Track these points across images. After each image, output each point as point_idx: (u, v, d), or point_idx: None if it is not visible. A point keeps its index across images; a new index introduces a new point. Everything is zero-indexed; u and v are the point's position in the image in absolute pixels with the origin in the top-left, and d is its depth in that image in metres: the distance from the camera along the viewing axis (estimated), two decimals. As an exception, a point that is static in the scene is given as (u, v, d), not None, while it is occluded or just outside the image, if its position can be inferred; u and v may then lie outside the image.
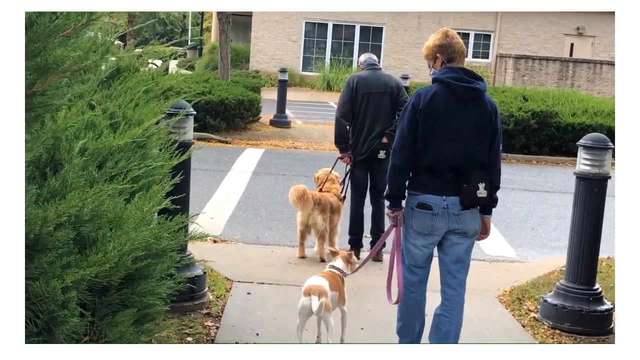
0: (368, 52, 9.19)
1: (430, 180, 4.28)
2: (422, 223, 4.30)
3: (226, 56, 18.39)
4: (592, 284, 5.58)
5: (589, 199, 5.48)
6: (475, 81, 4.28)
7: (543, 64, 27.36)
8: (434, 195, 4.26)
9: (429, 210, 4.26)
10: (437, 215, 4.26)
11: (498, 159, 4.40)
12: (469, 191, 4.23)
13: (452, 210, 4.26)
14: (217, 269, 6.47)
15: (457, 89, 4.22)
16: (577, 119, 15.78)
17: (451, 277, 4.46)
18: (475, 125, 4.26)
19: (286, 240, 8.01)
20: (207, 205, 9.42)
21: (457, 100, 4.23)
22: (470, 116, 4.24)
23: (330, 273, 4.88)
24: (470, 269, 6.92)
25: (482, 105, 4.27)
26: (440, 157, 4.24)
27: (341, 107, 7.21)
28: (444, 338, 4.43)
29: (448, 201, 4.25)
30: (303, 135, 16.64)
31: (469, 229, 4.34)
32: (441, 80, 4.27)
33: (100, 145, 2.85)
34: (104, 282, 2.67)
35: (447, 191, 4.25)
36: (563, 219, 9.83)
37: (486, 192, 4.27)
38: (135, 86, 3.82)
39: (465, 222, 4.30)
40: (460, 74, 4.25)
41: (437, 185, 4.26)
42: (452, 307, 4.45)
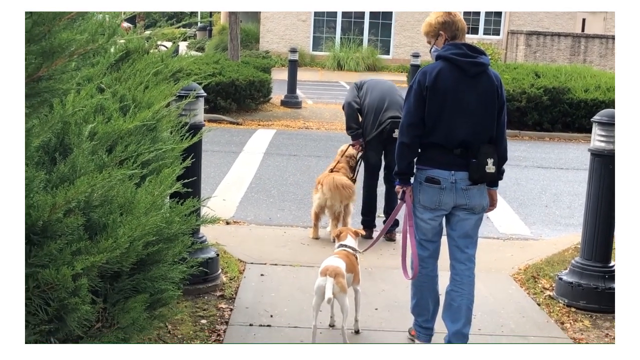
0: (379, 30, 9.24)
1: (439, 155, 4.29)
2: (429, 197, 4.32)
3: (236, 37, 18.30)
4: (608, 261, 5.53)
5: (604, 176, 5.42)
6: (479, 55, 4.29)
7: (555, 40, 27.09)
8: (442, 170, 4.27)
9: (437, 184, 4.28)
10: (445, 189, 4.27)
11: (504, 132, 4.42)
12: (478, 166, 4.24)
13: (460, 185, 4.27)
14: (230, 251, 6.46)
15: (463, 64, 4.22)
16: (589, 95, 15.61)
17: (460, 252, 4.46)
18: (483, 100, 4.27)
19: (299, 221, 7.99)
20: (219, 187, 9.41)
21: (463, 76, 4.23)
22: (477, 91, 4.25)
23: (346, 253, 4.84)
24: (485, 248, 6.95)
25: (488, 79, 4.28)
26: (450, 134, 4.24)
27: (349, 95, 7.26)
28: (456, 313, 4.44)
29: (456, 176, 4.26)
30: (314, 115, 16.57)
31: (476, 205, 4.35)
32: (445, 57, 4.27)
33: (109, 129, 2.81)
34: (115, 268, 2.65)
35: (456, 166, 4.26)
36: (577, 196, 9.76)
37: (494, 168, 4.28)
38: (144, 68, 3.78)
39: (473, 198, 4.31)
40: (463, 49, 4.26)
41: (446, 161, 4.27)
42: (462, 281, 4.46)
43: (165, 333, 4.61)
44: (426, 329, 4.65)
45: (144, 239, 2.63)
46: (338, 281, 4.48)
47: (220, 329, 4.84)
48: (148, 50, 4.67)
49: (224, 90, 15.27)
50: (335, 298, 4.51)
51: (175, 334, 4.65)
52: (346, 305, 4.56)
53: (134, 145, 2.89)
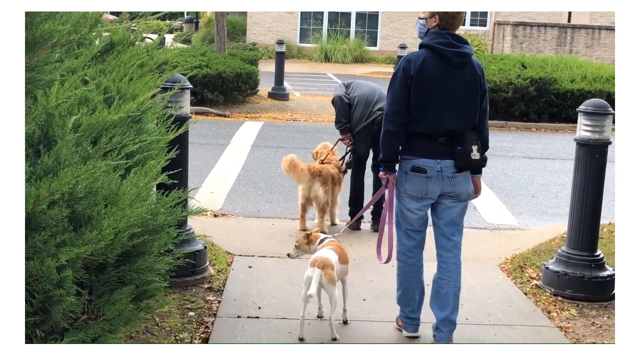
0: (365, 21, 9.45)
1: (424, 144, 4.32)
2: (416, 187, 4.35)
3: (222, 29, 18.23)
4: (594, 250, 5.57)
5: (590, 165, 5.45)
6: (463, 45, 4.31)
7: (541, 31, 27.15)
8: (428, 159, 4.30)
9: (422, 173, 4.31)
10: (431, 178, 4.31)
11: (486, 119, 4.47)
12: (463, 153, 4.28)
13: (445, 173, 4.31)
14: (217, 243, 6.45)
15: (448, 54, 4.25)
16: (576, 85, 15.68)
17: (446, 240, 4.50)
18: (467, 89, 4.31)
19: (286, 213, 7.99)
20: (207, 179, 9.40)
21: (448, 66, 4.26)
22: (461, 81, 4.29)
23: (338, 244, 4.83)
24: (472, 238, 6.99)
25: (472, 69, 4.33)
26: (436, 124, 4.28)
27: (338, 90, 7.31)
28: (444, 300, 4.48)
29: (442, 164, 4.30)
30: (301, 107, 16.56)
31: (462, 192, 4.39)
32: (430, 46, 4.31)
33: (94, 121, 2.80)
34: (100, 260, 2.64)
35: (441, 155, 4.30)
36: (563, 186, 9.80)
37: (479, 155, 4.33)
38: (129, 60, 3.76)
39: (459, 185, 4.36)
40: (448, 38, 4.28)
41: (431, 149, 4.31)
42: (448, 268, 4.50)
43: (153, 325, 4.61)
44: (412, 319, 4.68)
45: (129, 231, 2.62)
46: (327, 272, 4.47)
47: (208, 321, 4.84)
48: (133, 42, 4.64)
49: (210, 82, 15.23)
50: (323, 289, 4.51)
51: (163, 326, 4.65)
52: (335, 296, 4.56)
53: (118, 137, 2.87)
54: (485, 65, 16.71)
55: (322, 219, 7.05)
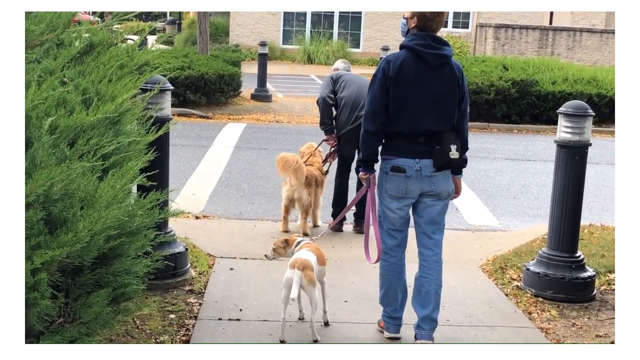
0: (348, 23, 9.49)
1: (403, 144, 4.37)
2: (396, 186, 4.39)
3: (205, 30, 18.20)
4: (574, 252, 5.59)
5: (570, 167, 5.47)
6: (443, 47, 4.35)
7: (523, 33, 27.29)
8: (407, 159, 4.35)
9: (402, 173, 4.35)
10: (411, 177, 4.35)
11: (466, 120, 4.50)
12: (442, 153, 4.32)
13: (425, 172, 4.35)
14: (199, 245, 6.42)
15: (426, 56, 4.29)
16: (557, 87, 15.79)
17: (427, 238, 4.54)
18: (445, 90, 4.35)
19: (269, 214, 7.97)
20: (189, 181, 9.36)
21: (426, 67, 4.30)
22: (440, 82, 4.33)
23: (316, 246, 4.83)
24: (453, 239, 7.01)
25: (450, 70, 4.36)
26: (415, 124, 4.32)
27: (324, 89, 7.21)
28: (425, 298, 4.51)
29: (421, 164, 4.34)
30: (284, 108, 16.54)
31: (442, 191, 4.43)
32: (409, 47, 4.34)
33: (71, 122, 2.76)
34: (76, 263, 2.61)
35: (420, 154, 4.34)
36: (544, 187, 9.85)
37: (458, 154, 4.36)
38: (108, 61, 3.73)
39: (438, 184, 4.40)
40: (427, 40, 4.32)
41: (410, 149, 4.35)
42: (429, 267, 4.53)
43: (134, 328, 4.58)
44: (395, 319, 4.68)
45: (105, 233, 2.59)
46: (307, 274, 4.47)
47: (189, 324, 4.81)
48: (114, 43, 4.61)
49: (193, 84, 15.18)
50: (304, 290, 4.51)
51: (143, 328, 4.62)
52: (315, 298, 4.56)
53: (96, 139, 2.84)
54: (467, 67, 16.78)
55: (305, 221, 7.03)
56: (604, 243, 6.83)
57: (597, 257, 6.38)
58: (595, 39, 27.45)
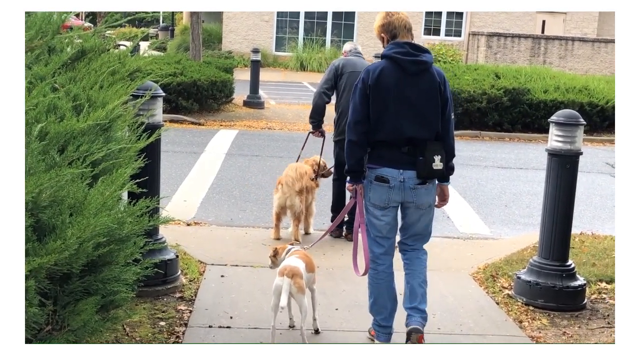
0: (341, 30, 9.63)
1: (387, 153, 4.40)
2: (379, 196, 4.44)
3: (197, 37, 18.20)
4: (565, 260, 5.59)
5: (561, 176, 5.48)
6: (422, 54, 4.39)
7: (515, 41, 27.40)
8: (391, 169, 4.38)
9: (386, 183, 4.39)
10: (394, 188, 4.39)
11: (450, 127, 4.51)
12: (425, 164, 4.34)
13: (408, 184, 4.39)
14: (190, 252, 6.40)
15: (404, 63, 4.35)
16: (549, 95, 15.83)
17: (410, 242, 4.64)
18: (425, 96, 4.37)
19: (260, 221, 7.96)
20: (180, 187, 9.33)
21: (405, 74, 4.35)
22: (419, 88, 4.36)
23: (305, 252, 4.83)
24: (445, 247, 7.01)
25: (430, 76, 4.39)
26: (396, 130, 4.35)
27: (323, 84, 7.19)
28: (411, 293, 4.57)
29: (405, 175, 4.38)
30: (277, 115, 16.54)
31: (422, 203, 4.48)
32: (388, 56, 4.40)
33: (61, 129, 2.75)
34: (65, 270, 2.59)
35: (404, 165, 4.38)
36: (536, 196, 9.87)
37: (442, 165, 4.39)
38: (100, 68, 3.72)
39: (420, 197, 4.44)
40: (406, 48, 4.38)
41: (394, 158, 4.38)
42: (412, 262, 4.63)
43: (123, 335, 4.55)
44: (385, 327, 4.66)
45: (94, 240, 2.58)
46: (296, 281, 4.48)
47: (179, 331, 4.79)
48: (106, 49, 4.60)
49: (185, 90, 15.17)
50: (293, 298, 4.51)
51: (133, 336, 4.59)
52: (304, 305, 4.56)
53: (86, 145, 2.83)
54: (460, 75, 16.82)
55: (297, 228, 7.02)
56: (594, 252, 6.85)
57: (588, 266, 6.39)
58: (587, 47, 27.59)
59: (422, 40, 28.83)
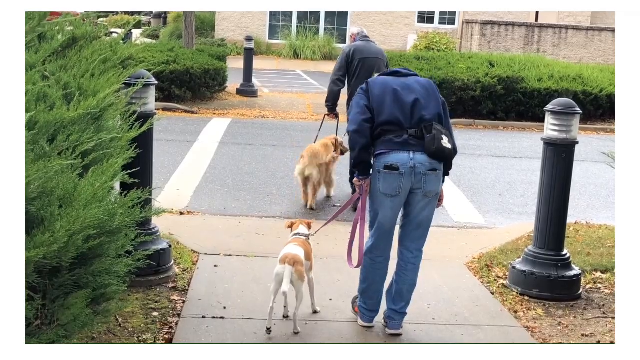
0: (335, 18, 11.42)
1: (394, 137, 4.43)
2: (389, 185, 4.44)
3: (191, 24, 18.07)
4: (561, 250, 5.57)
5: (557, 165, 5.45)
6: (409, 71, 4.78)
7: (509, 30, 27.32)
8: (401, 153, 4.39)
9: (396, 170, 4.40)
10: (404, 175, 4.39)
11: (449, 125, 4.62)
12: (434, 139, 4.37)
13: (418, 169, 4.40)
14: (183, 242, 6.36)
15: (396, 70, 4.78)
16: (543, 84, 15.78)
17: (409, 241, 4.67)
18: (423, 87, 4.57)
19: (254, 210, 7.91)
20: (173, 176, 9.27)
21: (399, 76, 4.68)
22: (416, 81, 4.62)
23: (303, 241, 4.88)
24: (439, 236, 7.00)
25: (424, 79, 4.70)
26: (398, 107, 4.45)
27: (337, 72, 8.13)
28: (397, 295, 4.71)
29: (415, 160, 4.39)
30: (270, 104, 16.46)
31: (431, 190, 4.48)
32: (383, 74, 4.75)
33: (51, 118, 2.69)
34: (54, 263, 2.53)
35: (413, 147, 4.40)
36: (530, 185, 9.85)
37: (450, 145, 4.42)
38: (91, 55, 3.65)
39: (429, 183, 4.45)
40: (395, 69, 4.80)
41: (402, 141, 4.41)
42: (406, 267, 4.68)
43: (116, 326, 4.51)
44: (372, 312, 4.80)
45: (84, 233, 2.52)
46: (297, 269, 4.54)
47: (172, 322, 4.76)
48: (97, 37, 4.54)
49: (178, 78, 15.06)
50: (292, 285, 4.55)
51: (125, 326, 4.55)
52: (302, 292, 4.62)
53: (76, 135, 2.76)
54: (454, 63, 16.76)
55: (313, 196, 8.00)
56: (589, 241, 6.83)
57: (583, 255, 6.37)
58: (581, 36, 27.53)
59: (415, 29, 28.77)
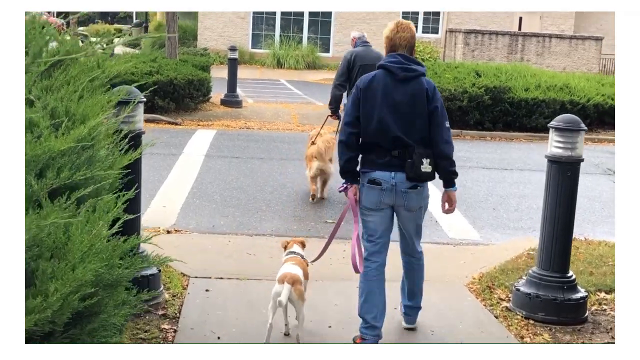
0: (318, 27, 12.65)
1: (378, 157, 4.61)
2: (370, 198, 4.66)
3: (173, 34, 17.80)
4: (566, 272, 5.38)
5: (562, 183, 5.27)
6: (412, 64, 4.67)
7: (493, 38, 27.28)
8: (383, 172, 4.60)
9: (378, 185, 4.61)
10: (385, 190, 4.61)
11: (442, 132, 4.63)
12: (413, 165, 4.53)
13: (399, 187, 4.59)
14: (172, 264, 6.08)
15: (394, 69, 4.63)
16: (530, 94, 15.67)
17: (409, 249, 4.93)
18: (412, 101, 4.59)
19: (243, 228, 7.67)
20: (159, 192, 9.01)
21: (394, 80, 4.62)
22: (406, 93, 4.59)
23: (300, 260, 4.89)
24: (436, 254, 6.83)
25: (418, 84, 4.63)
26: (384, 131, 4.56)
27: (339, 77, 8.95)
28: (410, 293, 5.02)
29: (396, 178, 4.58)
30: (255, 114, 16.23)
31: (413, 206, 4.69)
32: (382, 65, 4.72)
33: (39, 151, 2.45)
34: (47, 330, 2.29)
35: (394, 167, 4.58)
36: (523, 198, 9.69)
37: (430, 168, 4.57)
38: (78, 75, 3.40)
39: (410, 200, 4.65)
40: (398, 58, 4.68)
41: (385, 162, 4.59)
42: (412, 268, 4.98)
43: (104, 360, 4.26)
44: (374, 329, 4.66)
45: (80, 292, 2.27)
46: (296, 288, 4.56)
47: (164, 353, 4.50)
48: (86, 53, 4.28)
49: (161, 89, 14.80)
50: (292, 304, 4.57)
51: (115, 360, 4.30)
52: (302, 313, 4.63)
53: (68, 172, 2.51)
54: (440, 73, 16.62)
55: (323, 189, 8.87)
56: (590, 259, 6.66)
57: (586, 275, 6.19)
58: (565, 44, 27.54)
59: (399, 37, 28.60)
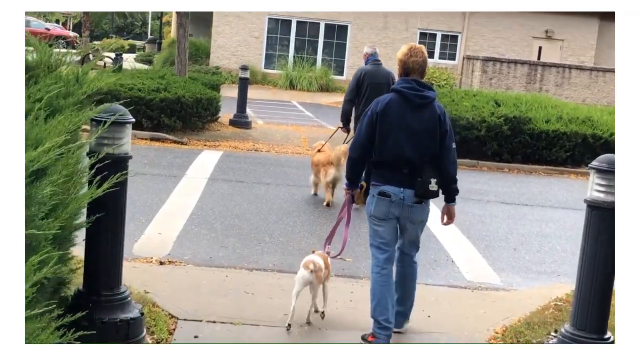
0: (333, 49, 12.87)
1: (390, 174, 5.08)
2: (380, 209, 5.11)
3: (184, 51, 17.30)
4: (604, 332, 4.70)
5: (602, 231, 4.61)
6: (425, 90, 5.08)
7: (511, 67, 26.72)
8: (393, 187, 5.06)
9: (387, 197, 5.07)
10: (394, 203, 5.07)
11: (450, 154, 5.11)
12: (423, 183, 5.02)
13: (406, 201, 5.07)
14: (159, 302, 5.47)
15: (409, 95, 5.03)
16: (551, 125, 15.01)
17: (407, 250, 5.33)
18: (425, 126, 5.03)
19: (243, 261, 7.06)
20: (156, 217, 8.41)
21: (408, 105, 5.03)
22: (420, 118, 5.02)
23: (323, 254, 5.57)
24: (453, 300, 6.19)
25: (431, 110, 5.06)
26: (398, 153, 5.01)
27: (349, 93, 9.71)
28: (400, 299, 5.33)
29: (405, 193, 5.05)
30: (264, 136, 15.65)
31: (417, 219, 5.18)
32: (396, 90, 5.11)
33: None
34: None
35: (404, 183, 5.04)
36: (545, 238, 9.05)
37: (437, 187, 5.06)
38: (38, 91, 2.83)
39: (415, 213, 5.13)
40: (412, 84, 5.07)
41: (396, 178, 5.06)
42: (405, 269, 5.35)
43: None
44: (386, 329, 5.04)
45: None
46: (318, 275, 5.29)
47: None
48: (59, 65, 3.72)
49: (168, 107, 14.27)
50: (312, 287, 5.33)
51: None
52: (319, 293, 5.43)
53: None
54: (458, 101, 16.02)
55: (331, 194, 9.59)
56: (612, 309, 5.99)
57: (613, 331, 5.52)
58: (585, 76, 26.95)
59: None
